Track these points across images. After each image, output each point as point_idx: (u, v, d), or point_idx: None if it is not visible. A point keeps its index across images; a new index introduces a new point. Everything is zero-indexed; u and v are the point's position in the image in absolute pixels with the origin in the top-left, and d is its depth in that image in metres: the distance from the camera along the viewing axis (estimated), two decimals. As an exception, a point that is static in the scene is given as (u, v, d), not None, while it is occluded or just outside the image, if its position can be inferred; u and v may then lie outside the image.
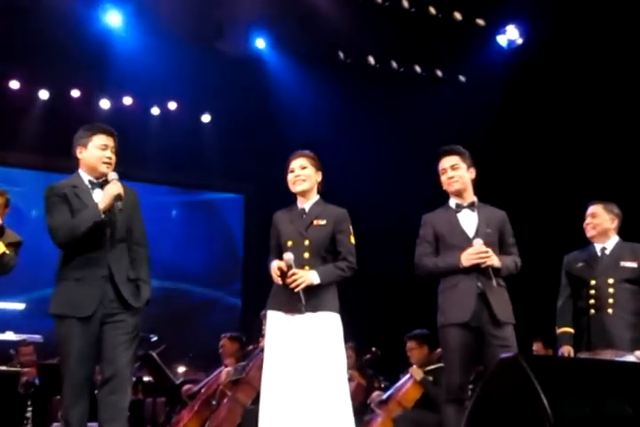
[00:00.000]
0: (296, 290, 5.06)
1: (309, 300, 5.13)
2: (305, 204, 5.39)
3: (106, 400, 4.80)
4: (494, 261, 5.27)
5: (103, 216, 4.75)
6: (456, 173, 5.53)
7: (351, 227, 5.36)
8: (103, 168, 4.89)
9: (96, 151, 4.91)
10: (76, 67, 11.39)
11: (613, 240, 6.04)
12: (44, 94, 12.01)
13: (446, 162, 5.59)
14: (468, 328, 5.32)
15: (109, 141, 4.97)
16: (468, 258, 5.28)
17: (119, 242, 4.89)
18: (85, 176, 4.94)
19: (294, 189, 5.35)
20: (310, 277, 5.11)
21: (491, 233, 5.45)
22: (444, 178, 5.57)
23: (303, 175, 5.32)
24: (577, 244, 6.25)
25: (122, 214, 4.88)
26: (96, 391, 4.99)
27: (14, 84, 11.82)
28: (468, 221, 5.52)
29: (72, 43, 10.89)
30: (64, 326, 4.78)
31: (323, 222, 5.27)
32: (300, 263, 5.19)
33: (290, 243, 5.28)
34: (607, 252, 6.02)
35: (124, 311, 4.82)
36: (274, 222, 5.44)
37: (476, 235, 5.41)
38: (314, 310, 5.15)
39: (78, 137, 4.97)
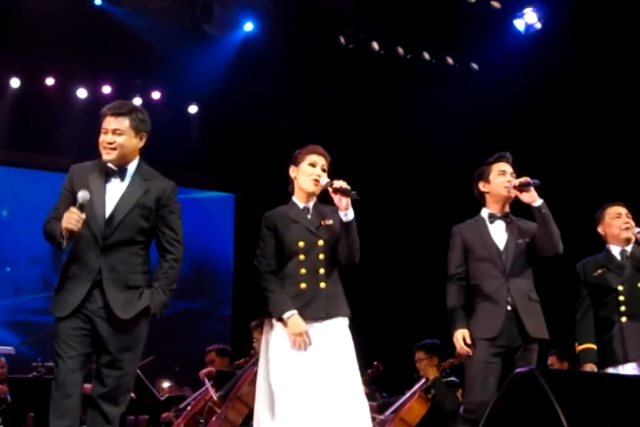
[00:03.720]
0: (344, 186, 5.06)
1: (330, 305, 5.15)
2: (308, 203, 5.36)
3: (96, 420, 4.78)
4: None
5: (64, 244, 4.68)
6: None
7: None
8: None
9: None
10: (52, 52, 11.37)
11: (632, 244, 6.03)
12: (15, 82, 11.96)
13: (509, 167, 5.69)
14: (497, 346, 5.44)
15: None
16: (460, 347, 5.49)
17: (121, 244, 4.79)
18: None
19: (312, 189, 5.30)
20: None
21: (522, 245, 5.58)
22: (501, 181, 5.62)
23: (324, 177, 5.28)
24: (586, 252, 6.24)
25: (125, 211, 4.80)
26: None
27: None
28: (500, 231, 5.67)
29: (47, 21, 10.81)
30: (58, 327, 4.73)
31: (330, 222, 5.25)
32: (315, 264, 5.20)
33: (302, 243, 5.24)
34: (627, 255, 6.00)
35: (117, 320, 4.73)
36: (269, 224, 5.35)
37: (507, 245, 5.57)
38: (333, 315, 5.16)
39: None
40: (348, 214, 5.11)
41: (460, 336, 5.52)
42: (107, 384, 4.79)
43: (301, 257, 5.19)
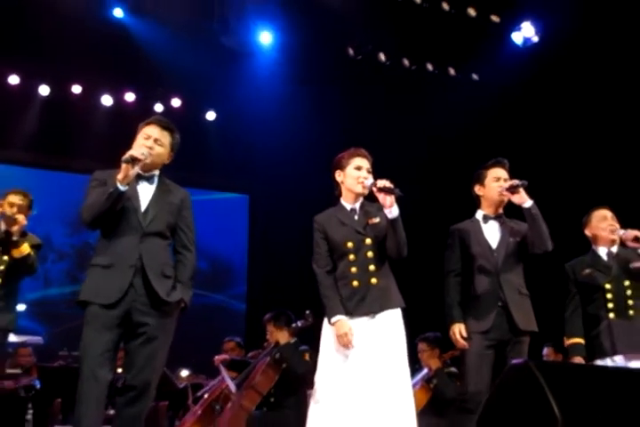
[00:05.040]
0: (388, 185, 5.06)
1: (383, 299, 5.16)
2: (355, 204, 5.35)
3: (124, 410, 4.83)
4: None
5: (120, 187, 4.69)
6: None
7: None
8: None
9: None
10: (78, 62, 11.41)
11: (616, 245, 6.05)
12: (44, 90, 12.00)
13: (504, 173, 5.74)
14: (490, 338, 5.49)
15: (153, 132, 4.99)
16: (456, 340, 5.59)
17: (156, 235, 4.87)
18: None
19: (360, 191, 5.28)
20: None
21: (513, 243, 5.64)
22: (496, 185, 5.69)
23: (370, 178, 5.26)
24: (574, 251, 6.25)
25: (162, 200, 4.94)
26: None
27: (14, 80, 11.81)
28: (493, 231, 5.73)
29: (74, 35, 10.87)
30: (88, 313, 4.74)
31: (377, 220, 5.23)
32: (364, 262, 5.20)
33: (350, 244, 5.22)
34: (613, 256, 6.01)
35: (155, 311, 4.79)
36: (319, 227, 5.35)
37: (500, 243, 5.65)
38: (386, 307, 5.17)
39: None
40: (392, 211, 5.09)
41: (457, 330, 5.57)
42: (137, 368, 4.83)
43: (351, 257, 5.19)
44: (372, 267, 5.17)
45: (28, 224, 6.79)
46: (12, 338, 7.61)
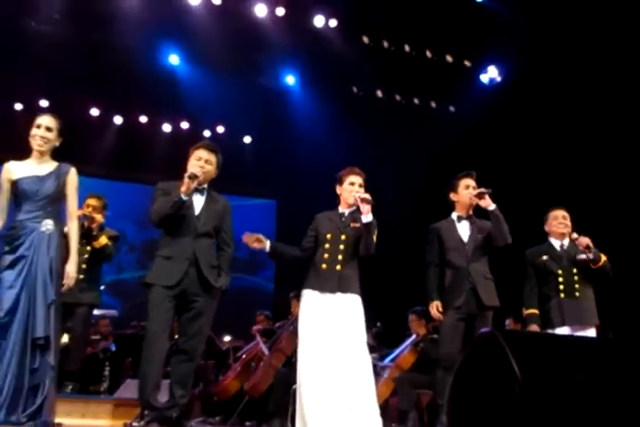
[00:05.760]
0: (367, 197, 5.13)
1: (341, 283, 5.18)
2: (345, 210, 5.38)
3: (178, 368, 4.88)
4: None
5: (184, 197, 4.81)
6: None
7: None
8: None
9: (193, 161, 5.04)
10: (144, 98, 11.50)
11: (568, 239, 6.04)
12: (118, 120, 12.12)
13: (472, 182, 5.76)
14: (462, 312, 5.53)
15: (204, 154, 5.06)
16: (434, 314, 5.65)
17: (205, 235, 4.95)
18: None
19: (352, 202, 5.30)
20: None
21: (480, 238, 5.68)
22: (466, 192, 5.71)
23: (360, 192, 5.29)
24: (533, 241, 6.25)
25: (210, 208, 5.02)
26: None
27: (95, 112, 11.91)
28: (464, 228, 5.75)
29: (140, 77, 11.02)
30: (153, 292, 4.82)
31: (358, 225, 5.22)
32: (336, 252, 5.23)
33: (329, 235, 5.27)
34: (565, 248, 6.02)
35: (204, 292, 4.87)
36: (315, 219, 5.42)
37: (470, 238, 5.69)
38: (344, 291, 5.17)
39: None
40: (367, 217, 5.10)
41: (434, 306, 5.63)
42: (190, 334, 4.90)
43: (327, 246, 5.22)
44: (340, 257, 5.19)
45: (107, 222, 6.88)
46: (94, 311, 7.67)
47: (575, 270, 5.90)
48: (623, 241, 8.58)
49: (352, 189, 5.29)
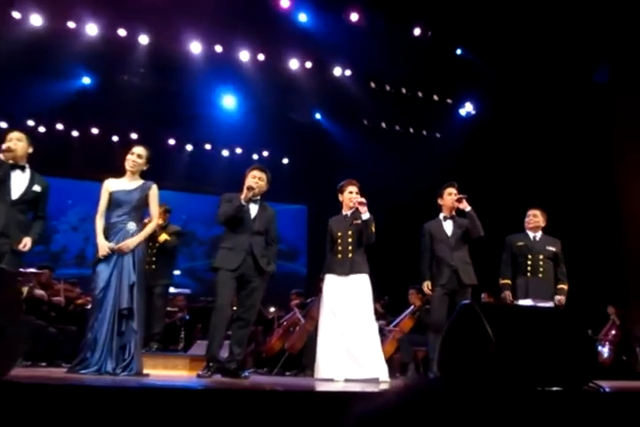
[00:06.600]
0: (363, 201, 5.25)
1: (353, 267, 5.21)
2: (348, 212, 5.43)
3: (237, 332, 4.90)
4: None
5: (243, 203, 4.87)
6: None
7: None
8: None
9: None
10: (207, 130, 11.50)
11: (540, 232, 6.00)
12: (189, 147, 12.15)
13: (454, 190, 5.75)
14: (446, 288, 5.51)
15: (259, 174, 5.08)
16: (426, 290, 5.65)
17: (258, 234, 4.95)
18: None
19: (351, 206, 5.38)
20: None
21: (460, 233, 5.66)
22: (450, 198, 5.70)
23: (358, 197, 5.36)
24: (511, 230, 6.20)
25: (262, 214, 5.01)
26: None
27: (171, 141, 11.95)
28: (448, 225, 5.73)
29: (204, 115, 11.10)
30: (220, 274, 4.81)
31: (358, 222, 5.31)
32: (346, 245, 5.28)
33: (340, 233, 5.33)
34: (537, 239, 5.96)
35: (258, 275, 4.88)
36: (328, 224, 5.50)
37: (453, 233, 5.65)
38: (355, 272, 5.22)
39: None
40: (364, 216, 5.21)
41: (426, 284, 5.62)
42: (246, 307, 4.90)
43: (339, 241, 5.32)
44: (350, 247, 5.27)
45: (183, 223, 6.90)
46: (172, 290, 7.72)
47: (541, 257, 5.85)
48: (573, 232, 8.52)
49: (351, 197, 5.36)
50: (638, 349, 8.60)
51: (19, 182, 4.55)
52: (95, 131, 11.30)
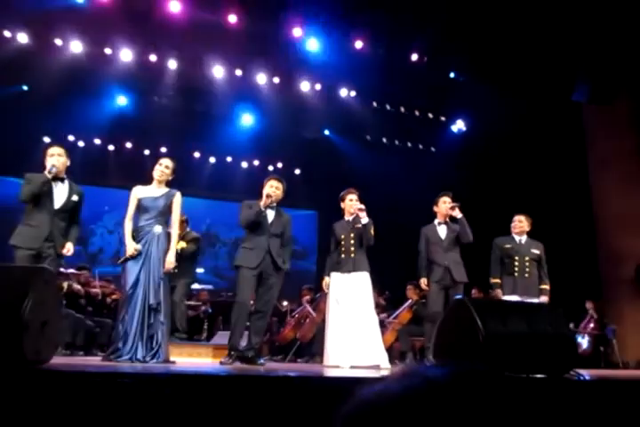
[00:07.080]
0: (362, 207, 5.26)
1: (355, 265, 5.19)
2: (349, 218, 5.42)
3: (255, 323, 4.89)
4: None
5: (262, 208, 4.87)
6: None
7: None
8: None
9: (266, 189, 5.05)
10: (228, 144, 11.50)
11: (525, 236, 5.95)
12: (212, 159, 12.14)
13: (448, 199, 5.71)
14: (441, 284, 5.49)
15: (275, 184, 5.06)
16: (423, 286, 5.59)
17: (275, 236, 4.93)
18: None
19: (352, 212, 5.37)
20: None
21: (452, 236, 5.64)
22: (444, 206, 5.67)
23: (359, 204, 5.35)
24: (499, 233, 6.14)
25: (278, 219, 4.99)
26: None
27: (196, 154, 11.94)
28: (442, 230, 5.70)
29: (225, 131, 11.13)
30: (241, 272, 4.81)
31: (359, 226, 5.29)
32: (349, 246, 5.27)
33: (343, 236, 5.33)
34: (523, 242, 5.91)
35: (275, 272, 4.87)
36: (333, 228, 5.50)
37: (446, 237, 5.63)
38: (356, 270, 5.20)
39: None
40: (363, 220, 5.22)
41: (423, 280, 5.58)
42: (264, 301, 4.87)
43: (343, 242, 5.32)
44: (352, 248, 5.27)
45: (208, 227, 6.82)
46: (196, 286, 7.70)
47: (527, 258, 5.79)
48: (553, 235, 8.46)
49: (351, 204, 5.36)
50: (614, 340, 8.53)
51: (60, 193, 4.56)
52: (129, 145, 11.38)
